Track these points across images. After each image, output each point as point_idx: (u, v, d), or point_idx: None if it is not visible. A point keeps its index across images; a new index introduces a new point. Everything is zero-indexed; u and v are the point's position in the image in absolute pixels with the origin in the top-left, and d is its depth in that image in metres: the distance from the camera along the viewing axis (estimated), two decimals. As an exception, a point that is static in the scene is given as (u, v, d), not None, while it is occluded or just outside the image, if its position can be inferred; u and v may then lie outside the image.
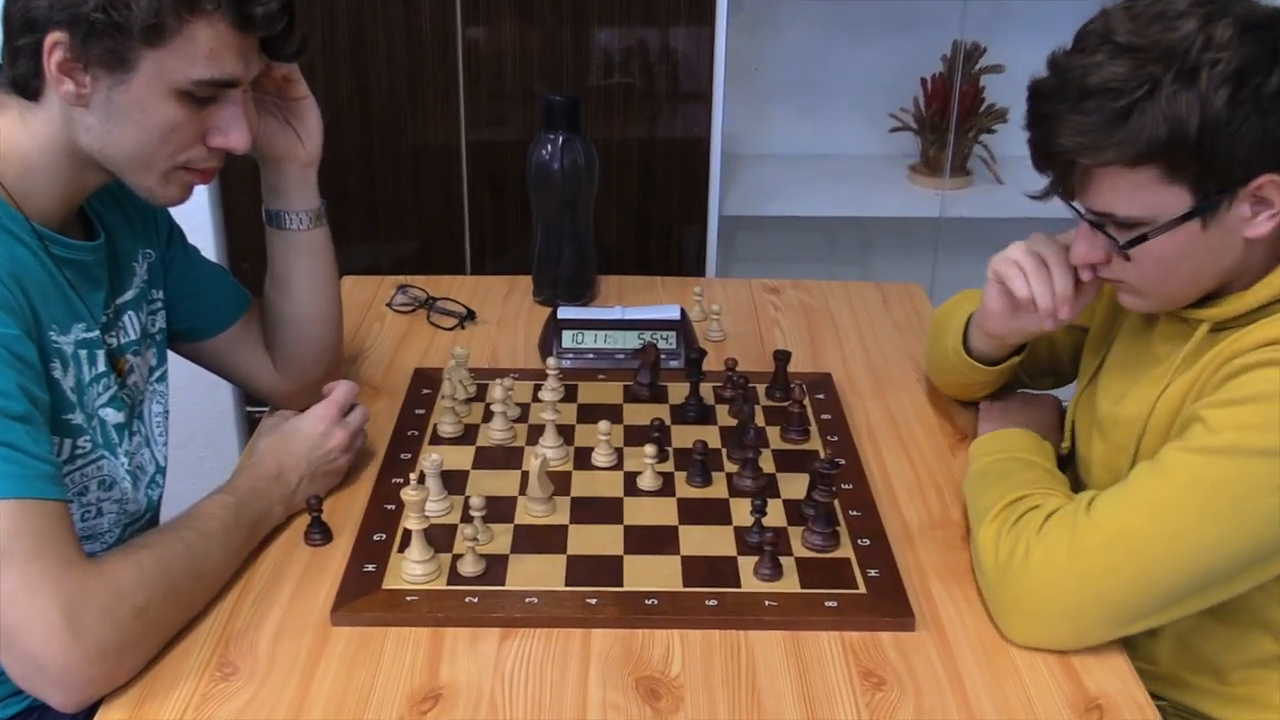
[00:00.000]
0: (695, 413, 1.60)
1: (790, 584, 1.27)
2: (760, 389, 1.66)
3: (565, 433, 1.53)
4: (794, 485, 1.44)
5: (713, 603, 1.24)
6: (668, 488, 1.44)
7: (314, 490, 1.38)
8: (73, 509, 1.25)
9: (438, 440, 1.54)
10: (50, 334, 1.22)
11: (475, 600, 1.24)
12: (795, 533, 1.35)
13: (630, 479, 1.46)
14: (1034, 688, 1.16)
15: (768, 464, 1.49)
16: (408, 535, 1.28)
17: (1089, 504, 1.19)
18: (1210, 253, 1.20)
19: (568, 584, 1.27)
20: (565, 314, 1.79)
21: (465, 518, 1.35)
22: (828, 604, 1.24)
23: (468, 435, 1.55)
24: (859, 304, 2.00)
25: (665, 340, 1.75)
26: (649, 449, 1.43)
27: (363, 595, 1.25)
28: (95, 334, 1.29)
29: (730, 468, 1.48)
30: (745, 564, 1.30)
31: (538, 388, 1.58)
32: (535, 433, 1.53)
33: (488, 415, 1.56)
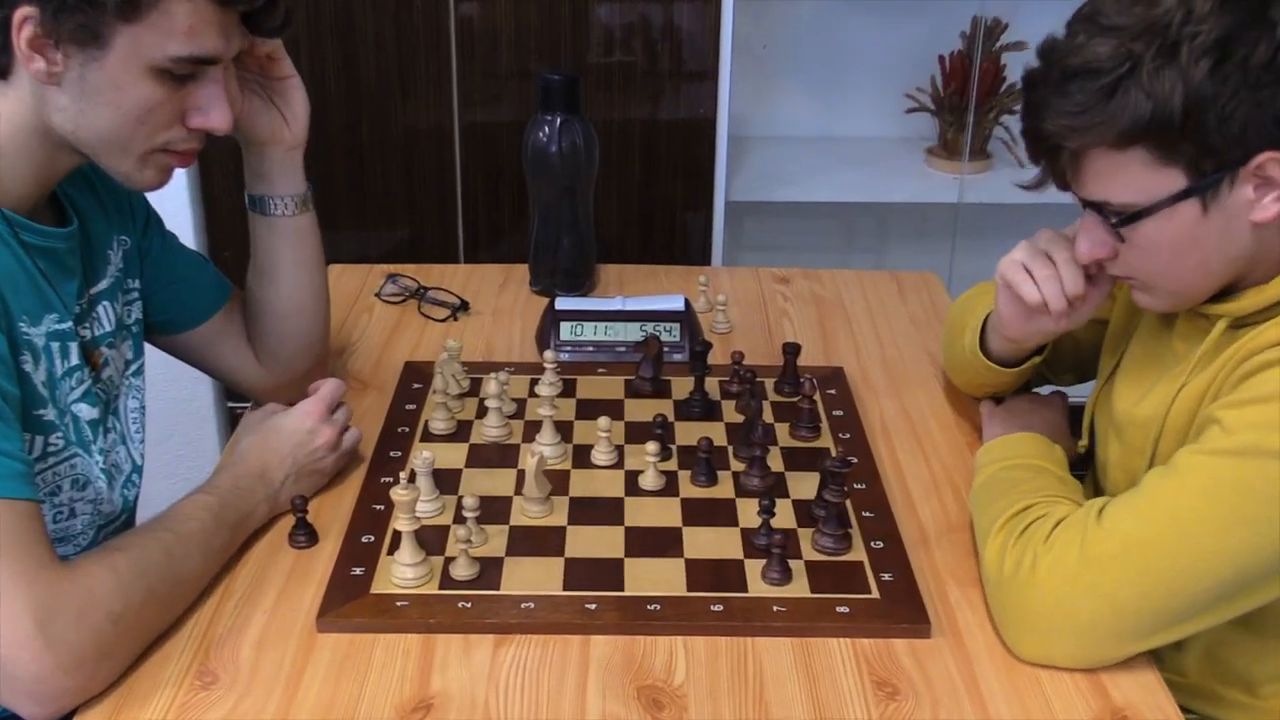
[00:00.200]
0: (700, 409, 1.60)
1: (800, 588, 1.27)
2: (768, 384, 1.66)
3: (563, 429, 1.53)
4: (804, 485, 1.44)
5: (718, 608, 1.24)
6: (671, 487, 1.44)
7: (299, 490, 1.38)
8: (44, 510, 1.25)
9: (429, 437, 1.54)
10: (20, 325, 1.22)
11: (468, 605, 1.24)
12: (805, 535, 1.35)
13: (631, 478, 1.46)
14: (1056, 699, 1.16)
15: (776, 462, 1.49)
16: (397, 537, 1.28)
17: (1100, 511, 1.18)
18: (1216, 240, 1.19)
19: (566, 588, 1.27)
20: (563, 305, 1.79)
21: (458, 519, 1.35)
22: (839, 610, 1.24)
23: (461, 432, 1.55)
24: (873, 294, 2.00)
25: (668, 332, 1.75)
26: (651, 447, 1.43)
27: (350, 600, 1.25)
28: (68, 325, 1.29)
29: (737, 466, 1.48)
30: (752, 567, 1.30)
31: (534, 382, 1.58)
32: (532, 429, 1.54)
33: (482, 411, 1.56)
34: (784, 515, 1.38)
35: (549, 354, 1.55)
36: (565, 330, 1.75)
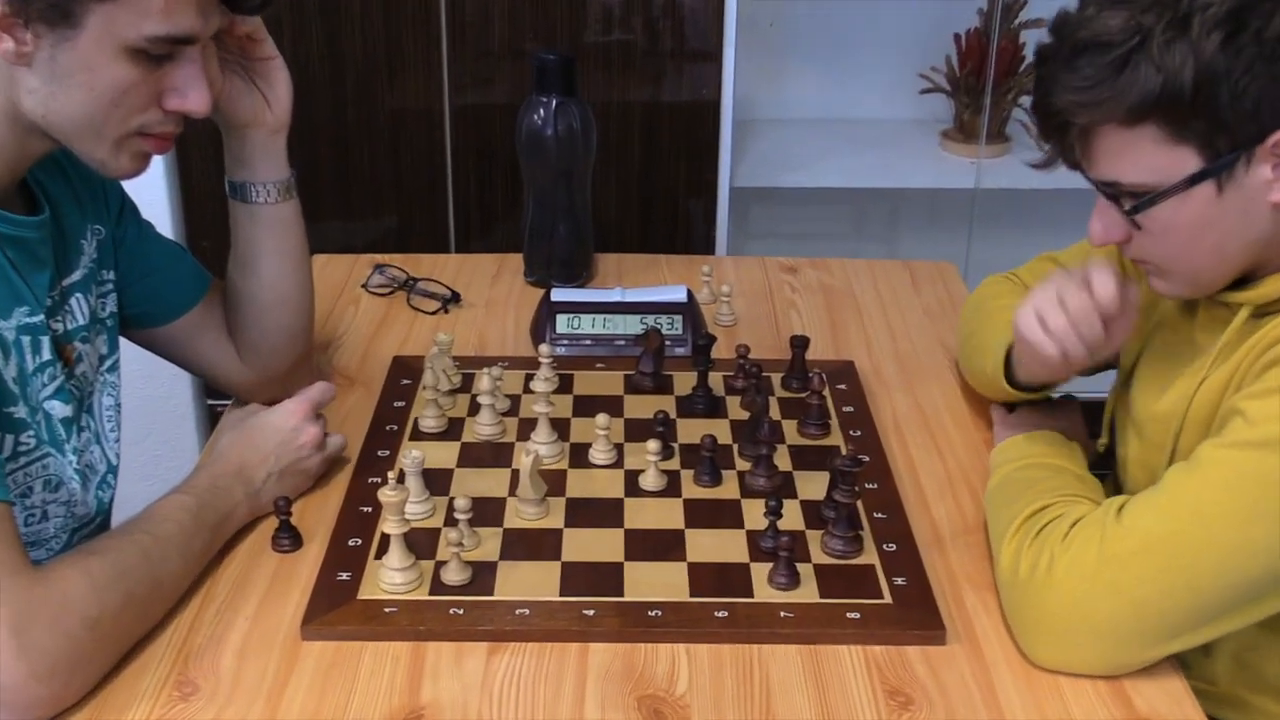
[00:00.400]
0: (703, 405, 1.60)
1: (808, 593, 1.28)
2: (775, 379, 1.67)
3: (560, 427, 1.54)
4: (812, 485, 1.45)
5: (722, 614, 1.25)
6: (673, 488, 1.45)
7: (282, 490, 1.38)
8: (15, 512, 1.25)
9: (419, 436, 1.54)
10: (-10, 318, 1.23)
11: (460, 612, 1.25)
12: (814, 537, 1.36)
13: (631, 478, 1.46)
14: (1077, 708, 1.17)
15: (783, 461, 1.49)
16: (386, 540, 1.28)
17: (1119, 509, 1.19)
18: (1233, 222, 1.20)
19: (562, 593, 1.27)
20: (559, 296, 1.79)
21: (449, 521, 1.36)
22: (849, 615, 1.25)
23: (452, 430, 1.55)
24: (885, 285, 2.00)
25: (670, 325, 1.75)
26: (652, 445, 1.44)
27: (336, 606, 1.25)
28: (39, 319, 1.29)
29: (742, 465, 1.49)
30: (758, 571, 1.30)
31: (529, 378, 1.58)
32: (526, 427, 1.54)
33: (474, 408, 1.57)
34: (791, 517, 1.39)
35: (544, 348, 1.55)
36: (561, 323, 1.76)
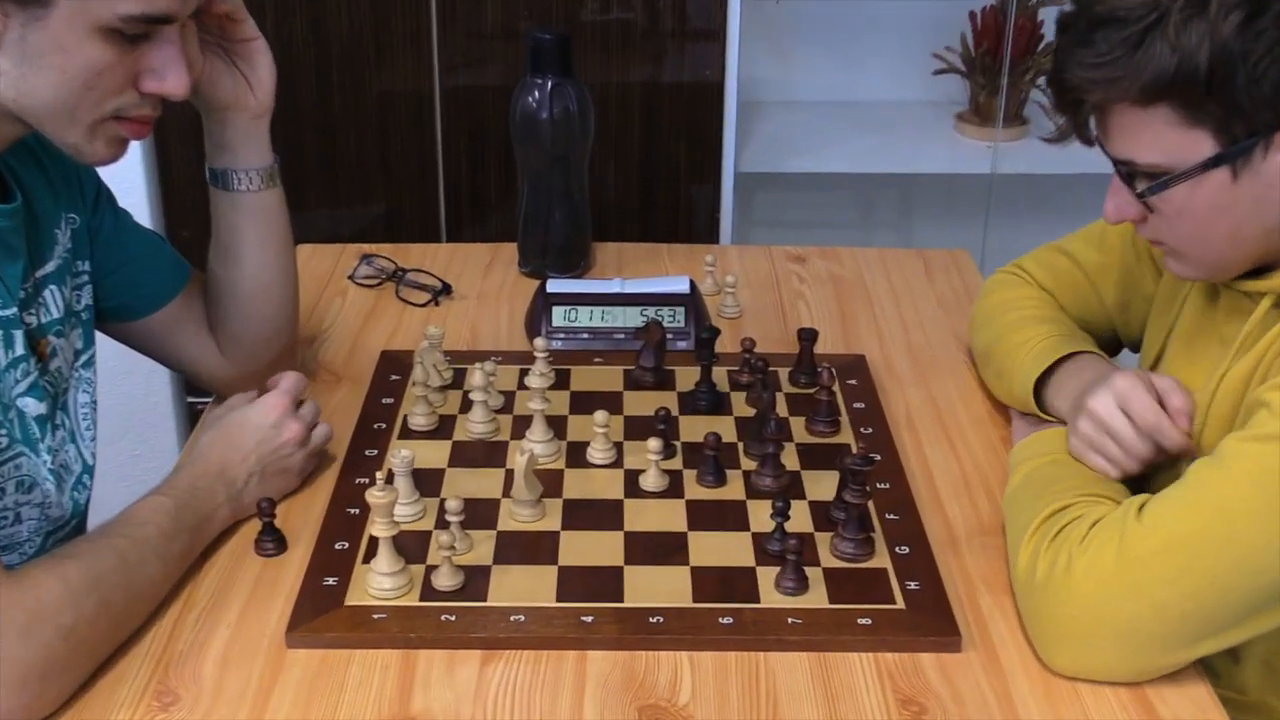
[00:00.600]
0: (707, 401, 1.61)
1: (817, 598, 1.28)
2: (783, 373, 1.67)
3: (556, 425, 1.54)
4: (821, 484, 1.45)
5: (727, 620, 1.25)
6: (675, 488, 1.45)
7: (265, 491, 1.38)
8: (-13, 514, 1.26)
9: (408, 434, 1.55)
10: (-41, 312, 1.23)
11: (452, 618, 1.25)
12: (823, 539, 1.36)
13: (631, 478, 1.46)
14: (1098, 717, 1.17)
15: (791, 460, 1.49)
16: (374, 544, 1.29)
17: (1140, 508, 1.19)
18: (1248, 209, 1.20)
19: (559, 599, 1.28)
20: (556, 287, 1.79)
21: (440, 523, 1.36)
22: (860, 621, 1.25)
23: (443, 428, 1.55)
24: (897, 274, 2.00)
25: (672, 317, 1.75)
26: (653, 444, 1.44)
27: (322, 613, 1.26)
28: (12, 312, 1.29)
29: (747, 465, 1.49)
30: (765, 576, 1.31)
31: (524, 373, 1.59)
32: (521, 425, 1.54)
33: (466, 405, 1.57)
34: (800, 518, 1.39)
35: (540, 342, 1.55)
36: (558, 315, 1.76)
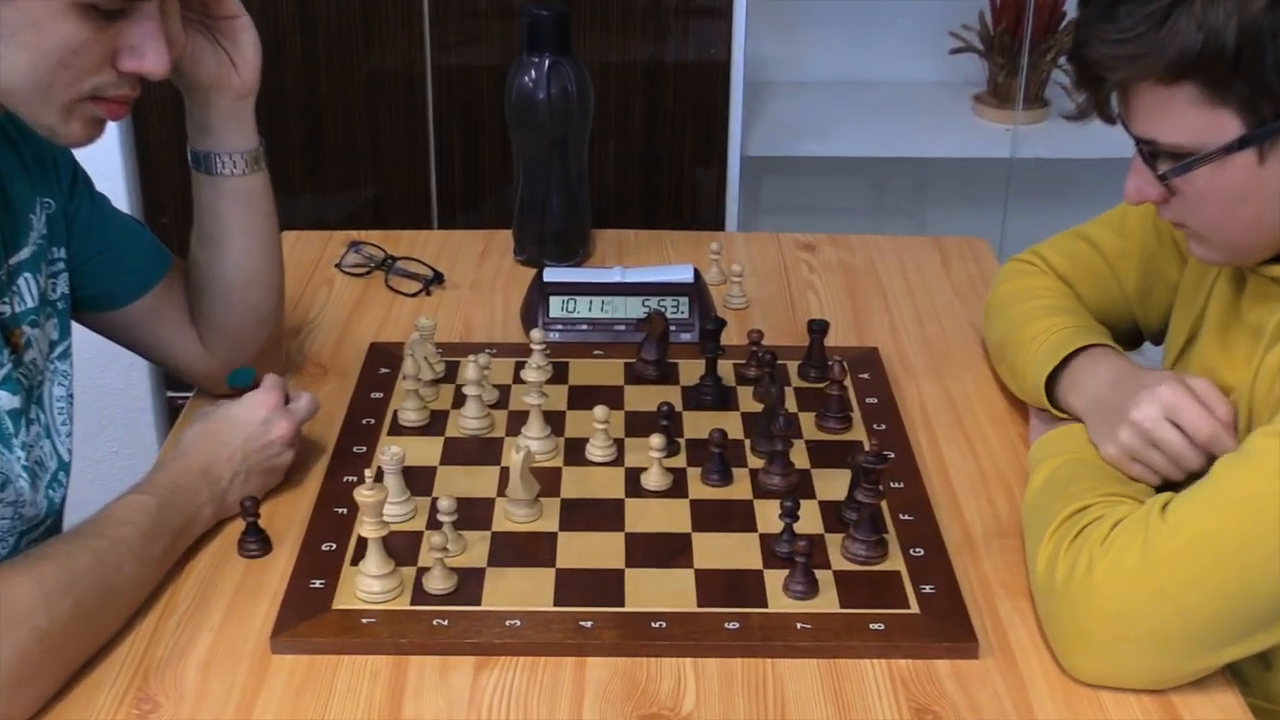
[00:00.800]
0: (712, 396, 1.61)
1: (827, 602, 1.28)
2: (791, 367, 1.67)
3: (553, 421, 1.54)
4: (832, 484, 1.45)
5: (733, 625, 1.25)
6: (678, 487, 1.45)
7: (250, 490, 1.39)
8: (-42, 513, 1.26)
9: (398, 430, 1.55)
10: (-71, 301, 1.23)
11: (445, 623, 1.25)
12: (834, 541, 1.36)
13: (633, 477, 1.46)
14: (1122, 727, 1.17)
15: (800, 458, 1.49)
16: (363, 545, 1.29)
17: (1164, 507, 1.19)
18: (1275, 193, 1.21)
19: (557, 603, 1.28)
20: (553, 276, 1.79)
21: (432, 524, 1.36)
22: (873, 627, 1.25)
23: (435, 424, 1.56)
24: (911, 263, 2.00)
25: (675, 308, 1.75)
26: (655, 440, 1.44)
27: (309, 617, 1.26)
28: (-17, 301, 1.30)
29: (755, 463, 1.49)
30: (773, 579, 1.31)
31: (520, 366, 1.59)
32: (517, 421, 1.54)
33: (459, 400, 1.57)
34: (809, 519, 1.39)
35: (537, 334, 1.55)
36: (555, 306, 1.76)
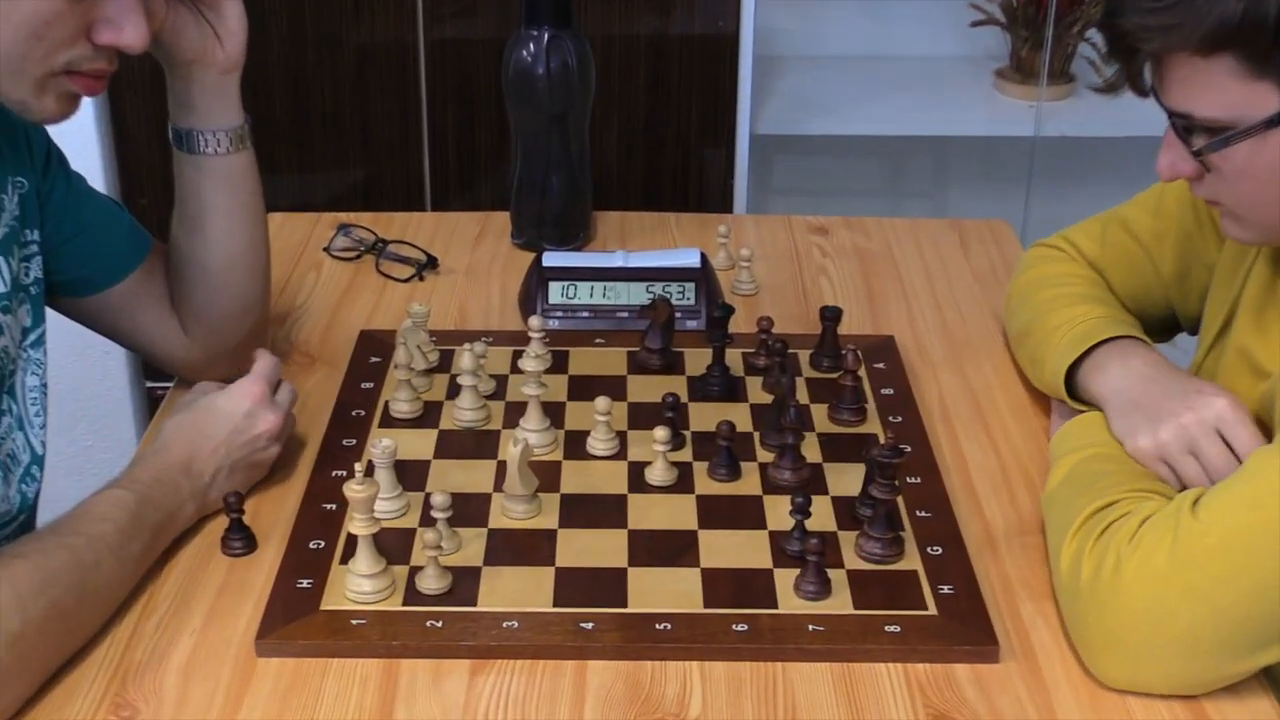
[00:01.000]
0: (719, 387, 1.61)
1: (841, 603, 1.28)
2: (803, 356, 1.67)
3: (553, 412, 1.54)
4: (845, 479, 1.45)
5: (741, 627, 1.25)
6: (684, 482, 1.45)
7: (234, 485, 1.39)
8: (-73, 509, 1.26)
9: (390, 422, 1.55)
10: (-104, 286, 1.23)
11: (439, 624, 1.25)
12: (847, 539, 1.36)
13: (636, 471, 1.47)
14: (1150, 735, 1.18)
15: (812, 452, 1.49)
16: (353, 542, 1.29)
17: (1195, 502, 1.19)
18: None
19: (556, 604, 1.28)
20: (552, 261, 1.79)
21: (426, 520, 1.36)
22: (888, 629, 1.25)
23: (428, 416, 1.56)
24: (930, 247, 2.00)
25: (681, 294, 1.75)
26: (660, 433, 1.44)
27: (296, 618, 1.26)
28: (-47, 286, 1.29)
29: (764, 457, 1.49)
30: (783, 578, 1.31)
31: (517, 355, 1.59)
32: (515, 412, 1.54)
33: (454, 390, 1.57)
34: (821, 515, 1.39)
35: (535, 321, 1.55)
36: (555, 292, 1.76)
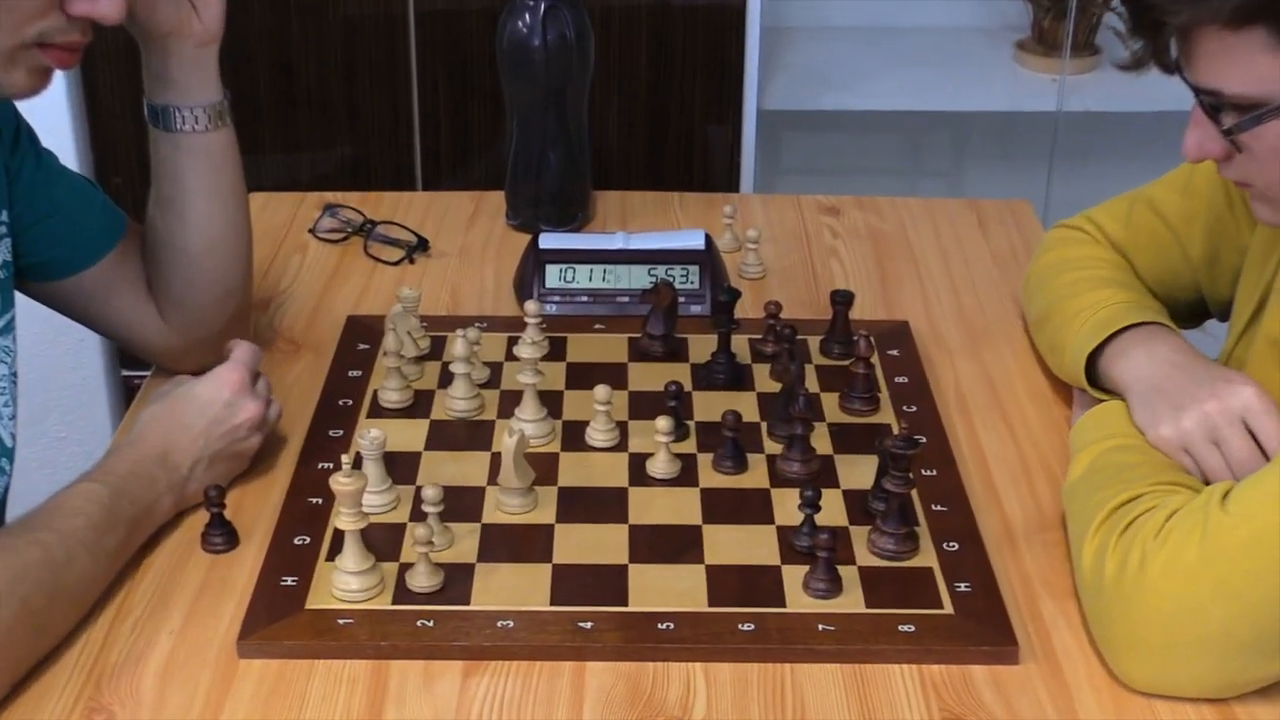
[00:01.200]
0: (725, 375, 1.61)
1: (852, 602, 1.29)
2: (813, 343, 1.67)
3: (550, 402, 1.54)
4: (857, 471, 1.45)
5: (748, 627, 1.26)
6: (687, 475, 1.45)
7: (213, 478, 1.39)
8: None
9: (379, 412, 1.55)
10: None
11: (430, 624, 1.26)
12: (859, 534, 1.36)
13: (637, 463, 1.47)
14: (1178, 739, 1.18)
15: (822, 443, 1.50)
16: (340, 538, 1.29)
17: (1225, 495, 1.19)
18: None
19: (554, 602, 1.28)
20: (550, 243, 1.79)
21: (416, 515, 1.36)
22: (902, 628, 1.25)
23: (419, 405, 1.56)
24: (946, 228, 2.00)
25: (685, 278, 1.75)
26: (662, 423, 1.44)
27: (280, 618, 1.26)
28: (-81, 269, 1.30)
29: (772, 448, 1.49)
30: (792, 575, 1.31)
31: (513, 341, 1.59)
32: (510, 402, 1.54)
33: (446, 378, 1.57)
34: (832, 510, 1.39)
35: (531, 306, 1.56)
36: (552, 275, 1.76)
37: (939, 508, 1.40)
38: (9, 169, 1.45)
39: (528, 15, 1.84)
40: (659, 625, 1.25)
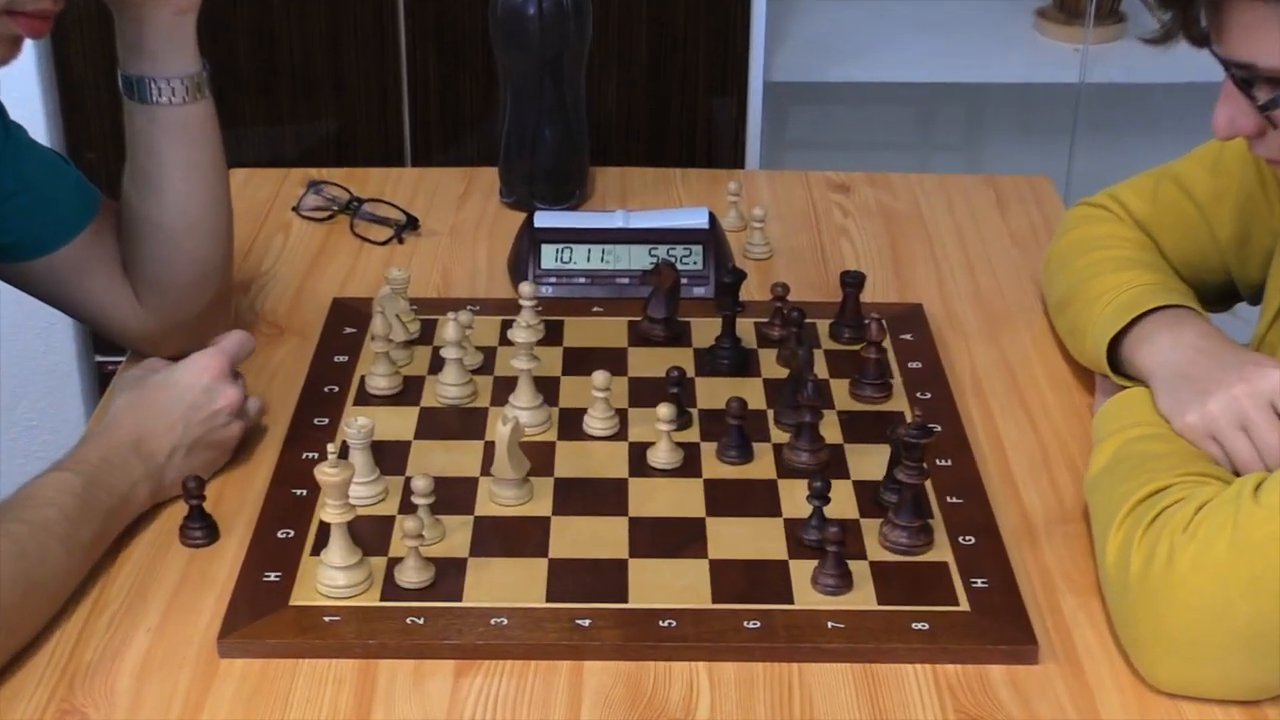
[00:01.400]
0: (730, 360, 1.61)
1: (863, 598, 1.29)
2: (822, 326, 1.67)
3: (546, 388, 1.54)
4: (869, 461, 1.45)
5: (754, 624, 1.26)
6: (690, 465, 1.45)
7: (192, 468, 1.39)
8: None
9: (366, 399, 1.55)
10: None
11: (420, 621, 1.26)
12: (870, 527, 1.37)
13: (638, 453, 1.47)
14: (1205, 743, 1.18)
15: (832, 432, 1.50)
16: (325, 531, 1.29)
17: (1256, 487, 1.19)
18: None
19: (550, 599, 1.28)
20: (545, 222, 1.79)
21: (406, 507, 1.36)
22: (916, 626, 1.26)
23: (409, 392, 1.56)
24: (962, 206, 2.00)
25: (687, 258, 1.75)
26: (664, 411, 1.44)
27: (263, 615, 1.26)
28: (-118, 249, 1.30)
29: (779, 437, 1.49)
30: (800, 571, 1.31)
31: (507, 325, 1.59)
32: (504, 388, 1.54)
33: (437, 364, 1.57)
34: (842, 502, 1.39)
35: (526, 287, 1.56)
36: (548, 256, 1.76)
37: (954, 499, 1.40)
38: (-23, 143, 1.46)
39: (522, -18, 1.85)
40: (660, 623, 1.25)
